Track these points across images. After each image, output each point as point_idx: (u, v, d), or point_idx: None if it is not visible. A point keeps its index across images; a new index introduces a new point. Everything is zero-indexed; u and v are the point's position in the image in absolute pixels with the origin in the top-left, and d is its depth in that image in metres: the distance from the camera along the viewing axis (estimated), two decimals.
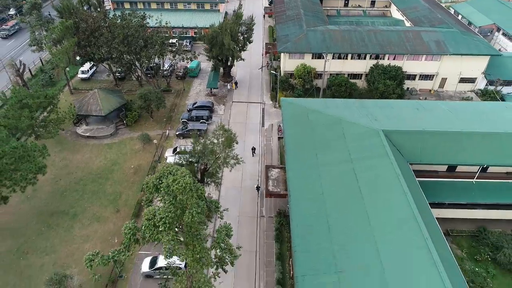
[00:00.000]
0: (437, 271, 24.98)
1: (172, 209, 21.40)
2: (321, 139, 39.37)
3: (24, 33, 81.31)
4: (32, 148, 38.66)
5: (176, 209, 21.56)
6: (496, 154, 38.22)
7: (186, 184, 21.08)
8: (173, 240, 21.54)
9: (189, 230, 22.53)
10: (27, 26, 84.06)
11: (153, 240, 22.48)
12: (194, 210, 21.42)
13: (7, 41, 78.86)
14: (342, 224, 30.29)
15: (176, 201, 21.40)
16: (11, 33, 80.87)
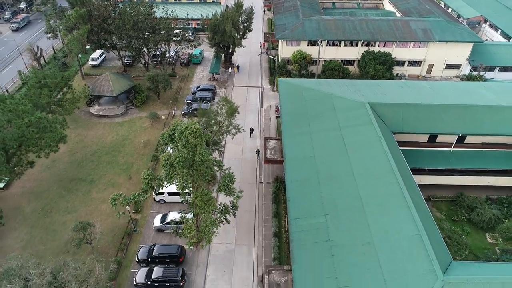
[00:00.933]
0: (409, 211, 29.31)
1: (185, 151, 25.76)
2: (314, 111, 43.78)
3: (33, 26, 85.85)
4: (53, 120, 43.01)
5: (188, 151, 25.92)
6: (471, 124, 42.58)
7: (196, 129, 25.45)
8: (186, 176, 25.90)
9: (198, 169, 26.88)
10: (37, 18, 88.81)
11: (169, 178, 26.84)
12: (203, 151, 25.81)
13: (18, 33, 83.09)
14: (330, 178, 34.69)
15: (188, 144, 25.75)
16: (21, 26, 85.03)
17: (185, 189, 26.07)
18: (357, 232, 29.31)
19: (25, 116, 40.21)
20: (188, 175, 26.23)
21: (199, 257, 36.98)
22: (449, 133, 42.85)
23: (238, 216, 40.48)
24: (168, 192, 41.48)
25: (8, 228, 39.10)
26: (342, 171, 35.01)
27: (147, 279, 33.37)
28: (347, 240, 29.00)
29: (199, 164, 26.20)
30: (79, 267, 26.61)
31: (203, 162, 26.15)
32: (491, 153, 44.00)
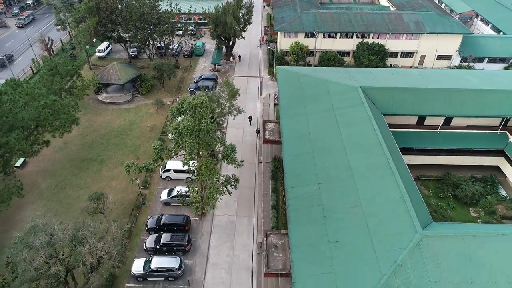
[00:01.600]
0: (393, 178, 32.38)
1: (192, 121, 28.87)
2: (309, 95, 46.90)
3: (38, 23, 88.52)
4: (66, 104, 46.09)
5: (194, 121, 29.01)
6: (457, 107, 45.72)
7: (203, 100, 28.56)
8: (193, 143, 29.01)
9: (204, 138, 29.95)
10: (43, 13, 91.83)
11: (178, 146, 29.95)
12: (208, 120, 28.90)
13: (23, 29, 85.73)
14: (323, 152, 37.80)
15: (195, 114, 28.83)
16: (26, 23, 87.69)
17: (192, 157, 29.10)
18: (346, 196, 32.44)
19: (41, 99, 43.23)
20: (195, 142, 29.29)
21: (203, 227, 40.10)
22: (436, 115, 45.98)
23: (239, 192, 43.71)
24: (174, 170, 44.65)
25: (26, 202, 42.18)
26: (335, 146, 38.13)
27: (156, 244, 36.49)
28: (337, 204, 32.12)
29: (205, 133, 29.28)
30: (97, 226, 29.70)
31: (208, 131, 29.24)
32: (475, 134, 47.11)
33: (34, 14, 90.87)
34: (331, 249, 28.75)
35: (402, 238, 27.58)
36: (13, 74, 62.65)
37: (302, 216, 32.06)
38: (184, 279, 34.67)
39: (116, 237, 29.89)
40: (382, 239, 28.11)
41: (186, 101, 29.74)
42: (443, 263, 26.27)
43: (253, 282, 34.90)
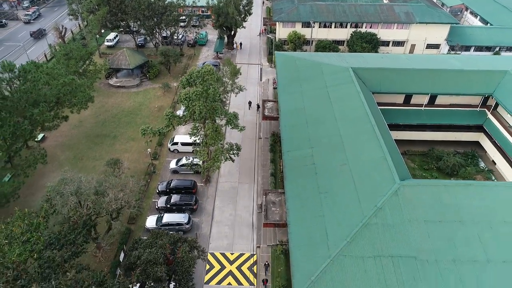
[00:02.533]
0: (377, 141, 36.64)
1: (200, 87, 33.16)
2: (305, 76, 51.20)
3: (44, 19, 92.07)
4: (83, 83, 50.42)
5: (203, 87, 33.31)
6: (440, 85, 49.98)
7: (210, 69, 32.85)
8: (202, 106, 33.30)
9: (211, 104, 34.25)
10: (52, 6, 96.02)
11: (188, 109, 34.23)
12: (215, 85, 33.20)
13: (30, 25, 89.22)
14: (316, 122, 42.14)
15: (204, 80, 33.12)
16: (33, 18, 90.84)
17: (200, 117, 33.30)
18: (336, 157, 36.76)
19: (60, 78, 47.54)
20: (203, 106, 33.53)
21: (208, 192, 44.43)
22: (420, 93, 50.25)
23: (241, 163, 48.06)
24: (181, 143, 48.97)
25: (48, 171, 46.49)
26: (326, 118, 42.46)
27: (166, 203, 40.82)
28: (328, 163, 36.46)
29: (212, 98, 33.59)
30: (117, 180, 33.99)
31: (214, 96, 33.53)
32: (457, 112, 51.47)
33: (40, 9, 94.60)
34: (321, 198, 33.08)
35: (382, 187, 31.89)
36: (47, 42, 68.27)
37: (297, 174, 36.41)
38: (192, 233, 38.99)
39: (134, 190, 34.20)
40: (366, 189, 32.44)
41: (195, 71, 34.08)
42: (417, 206, 30.60)
43: (253, 236, 39.22)
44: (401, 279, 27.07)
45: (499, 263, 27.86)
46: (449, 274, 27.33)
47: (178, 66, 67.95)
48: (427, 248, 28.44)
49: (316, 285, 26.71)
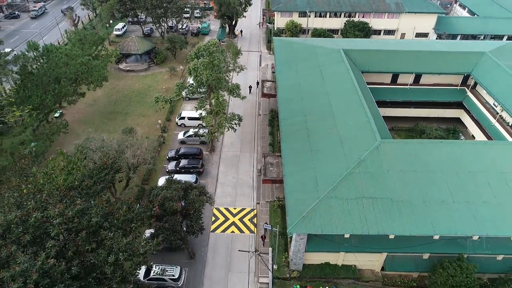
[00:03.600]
0: (363, 109, 41.51)
1: (207, 58, 38.07)
2: (300, 57, 56.07)
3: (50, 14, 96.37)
4: (97, 64, 55.27)
5: (209, 58, 38.21)
6: (424, 65, 54.78)
7: (215, 42, 37.75)
8: (209, 75, 38.16)
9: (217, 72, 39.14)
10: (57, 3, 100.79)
11: (196, 78, 39.07)
12: (220, 56, 38.10)
13: (35, 20, 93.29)
14: (310, 96, 47.04)
15: (210, 53, 38.01)
16: (39, 14, 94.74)
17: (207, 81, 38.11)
18: (326, 123, 41.68)
19: (77, 58, 52.47)
20: (210, 75, 38.38)
21: (213, 159, 49.34)
22: (406, 72, 55.10)
23: (242, 135, 53.01)
24: (188, 117, 53.89)
25: (67, 142, 51.26)
26: (319, 91, 47.37)
27: (176, 166, 45.72)
28: (319, 128, 41.37)
29: (217, 69, 38.55)
30: (134, 140, 38.89)
31: (219, 66, 38.46)
32: (439, 90, 56.38)
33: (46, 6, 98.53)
34: (313, 155, 38.01)
35: (365, 144, 36.79)
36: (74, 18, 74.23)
37: (291, 136, 41.34)
38: None
39: (149, 149, 39.12)
40: (351, 146, 37.34)
41: (202, 45, 38.98)
42: (394, 159, 35.52)
43: (253, 194, 44.15)
44: (378, 216, 31.97)
45: (463, 203, 32.78)
46: (420, 212, 32.24)
47: (183, 52, 72.82)
48: (402, 192, 33.35)
49: (306, 220, 31.60)
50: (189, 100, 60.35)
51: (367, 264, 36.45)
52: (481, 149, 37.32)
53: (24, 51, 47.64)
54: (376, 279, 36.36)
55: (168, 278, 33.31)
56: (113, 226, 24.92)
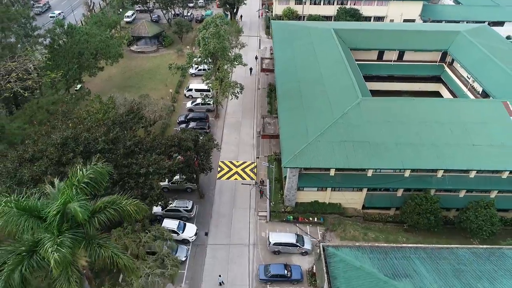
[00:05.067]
0: (349, 76, 47.95)
1: (214, 29, 44.55)
2: (295, 36, 62.58)
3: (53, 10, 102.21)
4: (114, 42, 61.75)
5: (216, 29, 44.68)
6: (406, 43, 61.33)
7: (221, 15, 44.31)
8: (215, 43, 44.61)
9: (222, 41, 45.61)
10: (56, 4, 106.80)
11: (204, 45, 45.54)
12: (225, 27, 44.57)
13: (39, 16, 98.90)
14: (303, 67, 53.55)
15: (216, 24, 44.48)
16: (43, 11, 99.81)
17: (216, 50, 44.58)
18: (317, 86, 48.21)
19: (97, 36, 58.95)
20: (216, 43, 44.85)
21: (218, 124, 55.85)
22: (390, 49, 61.59)
23: (243, 105, 59.50)
24: (195, 89, 60.38)
25: None
26: (311, 64, 53.89)
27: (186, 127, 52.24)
28: (310, 90, 47.90)
29: (223, 38, 45.05)
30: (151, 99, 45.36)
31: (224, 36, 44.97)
32: (420, 65, 62.87)
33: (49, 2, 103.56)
34: (304, 110, 44.54)
35: (349, 101, 43.28)
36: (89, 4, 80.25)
37: (287, 97, 47.92)
38: None
39: (164, 108, 45.61)
40: (337, 104, 43.85)
41: (209, 18, 45.49)
42: (373, 113, 42.04)
43: (253, 151, 50.65)
44: (358, 155, 38.49)
45: (429, 145, 39.30)
46: (392, 152, 38.77)
47: (189, 36, 79.29)
48: (378, 137, 39.87)
49: (298, 157, 38.08)
50: (195, 76, 66.88)
51: (350, 202, 42.93)
52: (447, 104, 44.01)
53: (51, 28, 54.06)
54: (358, 215, 42.86)
55: (183, 209, 39.83)
56: (142, 150, 31.43)
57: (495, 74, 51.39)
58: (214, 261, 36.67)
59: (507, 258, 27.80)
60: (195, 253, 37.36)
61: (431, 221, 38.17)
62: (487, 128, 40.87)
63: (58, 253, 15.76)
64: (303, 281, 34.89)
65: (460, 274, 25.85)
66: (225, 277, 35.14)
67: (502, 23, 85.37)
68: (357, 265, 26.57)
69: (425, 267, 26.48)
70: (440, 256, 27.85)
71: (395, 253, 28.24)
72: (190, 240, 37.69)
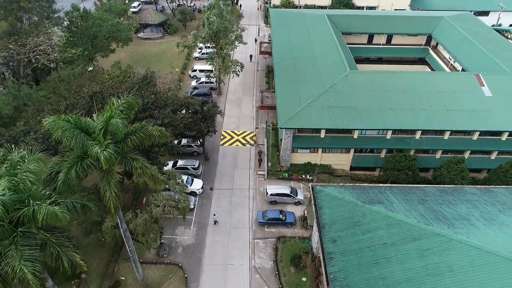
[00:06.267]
0: (339, 53, 53.18)
1: (217, 10, 49.77)
2: (291, 22, 67.79)
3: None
4: (124, 27, 66.94)
5: (219, 10, 49.87)
6: (394, 27, 66.58)
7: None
8: (219, 22, 49.78)
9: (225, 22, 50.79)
10: None
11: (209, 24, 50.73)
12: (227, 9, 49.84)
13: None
14: (298, 47, 58.75)
15: (220, 6, 49.73)
16: None
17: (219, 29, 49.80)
18: (310, 63, 53.42)
19: (109, 20, 64.13)
20: (220, 22, 50.04)
21: (220, 100, 61.03)
22: (379, 32, 66.83)
23: (243, 85, 64.69)
24: (199, 70, 65.60)
25: None
26: (306, 44, 59.11)
27: None
28: (304, 66, 53.10)
29: (225, 18, 50.25)
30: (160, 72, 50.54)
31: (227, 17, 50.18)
32: (407, 48, 68.18)
33: None
34: (298, 83, 49.75)
35: (338, 74, 48.49)
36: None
37: (283, 72, 53.15)
38: None
39: (172, 80, 50.79)
40: (327, 76, 49.06)
41: (212, 2, 50.77)
42: (359, 83, 47.24)
43: (253, 122, 55.89)
44: (345, 118, 43.69)
45: (407, 110, 44.52)
46: (375, 115, 43.98)
47: (192, 24, 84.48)
48: (363, 103, 45.06)
49: (292, 119, 43.27)
50: (198, 60, 72.12)
51: (339, 164, 48.12)
52: (426, 77, 49.40)
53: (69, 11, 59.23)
54: (346, 175, 48.08)
55: (190, 167, 45.05)
56: (157, 107, 36.65)
57: (473, 53, 56.63)
58: (218, 210, 41.86)
59: (467, 193, 33.04)
60: (202, 204, 42.58)
61: (409, 176, 43.36)
62: (460, 96, 46.10)
63: (106, 151, 20.94)
64: (296, 224, 40.09)
65: (425, 202, 31.07)
66: (229, 222, 40.40)
67: (487, 12, 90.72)
68: (340, 196, 31.81)
69: (396, 197, 31.70)
70: (410, 192, 33.08)
71: (372, 190, 33.46)
72: (197, 192, 42.87)
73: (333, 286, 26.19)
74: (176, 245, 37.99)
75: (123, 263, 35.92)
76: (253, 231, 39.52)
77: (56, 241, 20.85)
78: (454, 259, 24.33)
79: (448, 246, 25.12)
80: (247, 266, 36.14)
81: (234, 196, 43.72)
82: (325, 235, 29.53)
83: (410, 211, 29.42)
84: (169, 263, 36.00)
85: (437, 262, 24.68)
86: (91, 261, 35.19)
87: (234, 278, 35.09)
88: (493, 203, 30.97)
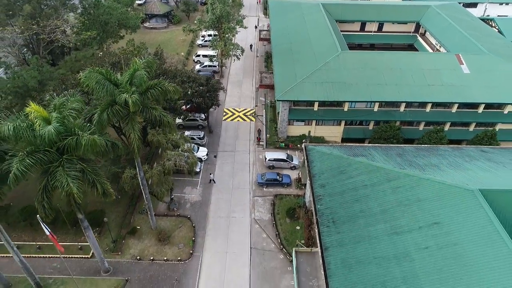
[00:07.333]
0: (332, 39, 57.86)
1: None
2: (288, 10, 72.51)
3: None
4: (132, 15, 71.58)
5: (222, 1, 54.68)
6: (384, 15, 71.30)
7: None
8: (222, 7, 54.39)
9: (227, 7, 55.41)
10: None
11: (212, 10, 55.34)
12: None
13: None
14: (294, 33, 63.46)
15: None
16: None
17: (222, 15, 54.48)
18: (305, 46, 58.09)
19: (118, 9, 68.77)
20: (222, 7, 54.67)
21: (222, 82, 65.61)
22: (370, 20, 71.54)
23: (243, 69, 69.33)
24: (203, 55, 70.28)
25: None
26: (302, 30, 63.81)
27: None
28: (300, 49, 57.77)
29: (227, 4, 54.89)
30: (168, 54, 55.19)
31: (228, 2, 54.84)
32: (397, 36, 72.89)
33: None
34: (294, 61, 54.46)
35: (330, 54, 53.16)
36: None
37: (280, 54, 57.87)
38: None
39: (179, 60, 55.41)
40: (321, 56, 53.74)
41: None
42: (349, 62, 51.92)
43: (252, 101, 60.56)
44: (336, 92, 48.40)
45: (392, 85, 49.24)
46: (363, 89, 48.68)
47: (195, 15, 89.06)
48: (352, 79, 49.76)
49: (288, 93, 47.97)
50: (202, 47, 76.78)
51: (331, 136, 52.76)
52: (411, 56, 54.17)
53: None
54: None
55: (196, 137, 49.73)
56: (167, 78, 41.31)
57: (456, 38, 61.31)
58: (222, 173, 46.54)
59: (439, 150, 37.73)
60: (207, 168, 47.25)
61: (394, 144, 47.99)
62: (441, 73, 50.79)
63: (133, 96, 25.63)
64: (291, 185, 44.78)
65: (402, 156, 35.74)
66: (231, 183, 45.08)
67: (475, 4, 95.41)
68: (328, 152, 36.48)
69: (377, 152, 36.35)
70: (391, 149, 37.75)
71: (357, 148, 38.14)
72: (202, 158, 47.54)
73: (321, 220, 30.87)
74: (184, 201, 42.67)
75: (138, 216, 40.58)
76: (253, 191, 44.20)
77: (91, 170, 25.48)
78: (422, 192, 29.01)
79: (417, 183, 29.79)
80: (248, 218, 40.82)
81: (236, 162, 48.38)
82: (315, 182, 34.20)
83: (388, 162, 34.09)
84: (179, 215, 40.70)
85: (407, 195, 29.37)
86: (110, 214, 39.85)
87: (237, 227, 39.76)
88: (462, 156, 35.66)
